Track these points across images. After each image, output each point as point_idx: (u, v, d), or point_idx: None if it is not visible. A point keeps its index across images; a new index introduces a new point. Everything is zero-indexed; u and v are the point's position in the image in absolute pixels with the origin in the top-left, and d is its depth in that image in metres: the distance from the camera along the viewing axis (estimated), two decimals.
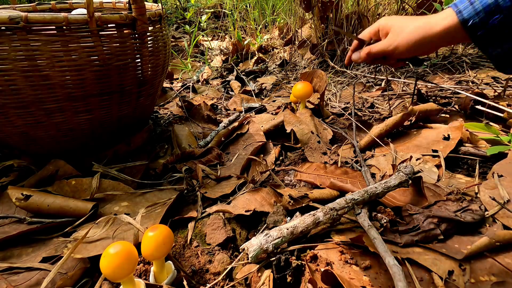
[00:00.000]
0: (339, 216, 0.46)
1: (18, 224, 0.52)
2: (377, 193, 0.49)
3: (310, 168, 0.64)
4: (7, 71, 0.48)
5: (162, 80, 0.74)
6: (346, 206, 0.46)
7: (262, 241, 0.42)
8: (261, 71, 1.44)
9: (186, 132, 0.82)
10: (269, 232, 0.43)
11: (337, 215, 0.46)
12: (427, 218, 0.46)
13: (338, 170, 0.61)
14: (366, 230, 0.43)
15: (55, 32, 0.49)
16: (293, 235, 0.43)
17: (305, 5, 1.25)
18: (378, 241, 0.40)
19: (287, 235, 0.43)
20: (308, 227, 0.44)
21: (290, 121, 0.76)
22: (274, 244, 0.42)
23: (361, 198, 0.47)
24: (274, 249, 0.42)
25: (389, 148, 0.67)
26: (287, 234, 0.43)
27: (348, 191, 0.56)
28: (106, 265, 0.32)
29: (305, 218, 0.45)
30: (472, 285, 0.37)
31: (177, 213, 0.55)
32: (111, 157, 0.68)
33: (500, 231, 0.42)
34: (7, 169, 0.64)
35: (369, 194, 0.48)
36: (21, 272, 0.43)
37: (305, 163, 0.66)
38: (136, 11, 0.56)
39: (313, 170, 0.63)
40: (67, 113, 0.56)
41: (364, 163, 0.62)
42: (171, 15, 2.50)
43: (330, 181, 0.58)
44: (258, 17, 1.99)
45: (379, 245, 0.39)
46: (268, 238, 0.42)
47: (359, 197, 0.47)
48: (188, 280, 0.41)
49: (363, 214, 0.46)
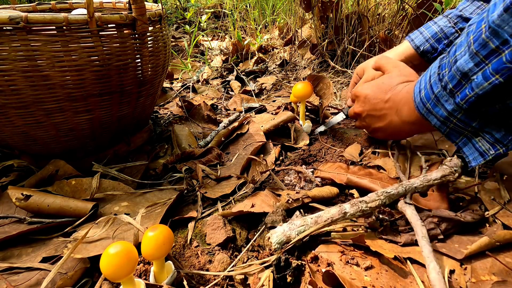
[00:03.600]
0: (369, 209, 0.44)
1: (18, 224, 0.52)
2: (415, 187, 0.46)
3: (331, 167, 0.64)
4: (7, 71, 0.48)
5: (162, 80, 0.74)
6: (377, 199, 0.44)
7: (285, 228, 0.42)
8: (261, 71, 1.44)
9: (186, 132, 0.82)
10: (292, 220, 0.43)
11: (366, 207, 0.44)
12: (427, 218, 0.46)
13: (362, 171, 0.60)
14: (415, 225, 0.41)
15: (55, 32, 0.49)
16: (317, 224, 0.43)
17: (305, 5, 1.25)
18: (425, 242, 0.39)
19: (310, 223, 0.43)
20: (333, 218, 0.43)
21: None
22: (298, 231, 0.42)
23: (395, 191, 0.45)
24: (298, 236, 0.42)
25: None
26: (310, 223, 0.43)
27: (364, 188, 0.55)
28: (106, 265, 0.32)
29: (330, 208, 0.44)
30: (473, 284, 0.37)
31: (177, 213, 0.55)
32: (111, 157, 0.68)
33: (500, 230, 0.42)
34: (7, 169, 0.64)
35: (404, 187, 0.45)
36: (21, 272, 0.43)
37: (326, 162, 0.66)
38: (136, 11, 0.56)
39: (334, 169, 0.63)
40: (67, 113, 0.56)
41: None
42: (171, 15, 2.50)
43: (347, 177, 0.57)
44: (258, 17, 1.99)
45: (425, 246, 0.38)
46: (291, 226, 0.43)
47: (393, 190, 0.45)
48: (188, 280, 0.41)
49: (413, 207, 0.44)
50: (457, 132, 0.44)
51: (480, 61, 0.36)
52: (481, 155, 0.42)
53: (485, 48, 0.35)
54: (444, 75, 0.42)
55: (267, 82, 1.31)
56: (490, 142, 0.41)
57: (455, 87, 0.40)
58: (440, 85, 0.42)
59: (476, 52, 0.36)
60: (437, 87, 0.43)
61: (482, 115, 0.40)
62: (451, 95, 0.41)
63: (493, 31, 0.34)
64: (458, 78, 0.39)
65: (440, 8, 1.01)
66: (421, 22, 1.07)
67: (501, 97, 0.36)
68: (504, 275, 0.37)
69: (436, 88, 0.43)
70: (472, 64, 0.37)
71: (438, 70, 0.43)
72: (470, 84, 0.38)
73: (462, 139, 0.44)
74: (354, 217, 0.45)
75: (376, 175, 0.59)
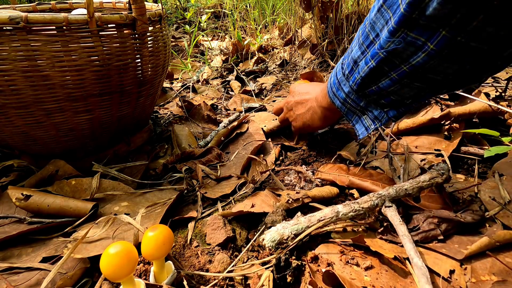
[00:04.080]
0: (361, 209, 0.45)
1: (18, 224, 0.52)
2: (406, 189, 0.47)
3: (332, 169, 0.63)
4: (7, 71, 0.48)
5: (162, 80, 0.74)
6: (369, 200, 0.46)
7: (279, 227, 0.44)
8: (261, 71, 1.44)
9: (186, 132, 0.82)
10: (287, 221, 0.45)
11: (359, 207, 0.45)
12: (427, 218, 0.46)
13: (363, 173, 0.60)
14: (395, 225, 0.42)
15: (55, 32, 0.49)
16: (310, 222, 0.44)
17: (305, 5, 1.25)
18: (407, 239, 0.40)
19: (303, 222, 0.44)
20: (326, 216, 0.44)
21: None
22: (291, 230, 0.43)
23: (386, 193, 0.46)
24: (291, 235, 0.43)
25: (395, 148, 0.67)
26: (303, 222, 0.44)
27: (366, 190, 0.55)
28: (106, 265, 0.32)
29: (324, 209, 0.46)
30: (473, 284, 0.37)
31: (177, 213, 0.55)
32: (111, 157, 0.68)
33: (500, 231, 0.42)
34: (7, 169, 0.64)
35: (395, 189, 0.47)
36: (21, 272, 0.43)
37: (327, 164, 0.66)
38: (136, 11, 0.56)
39: (335, 170, 0.63)
40: (67, 113, 0.56)
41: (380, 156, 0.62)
42: (171, 15, 2.50)
43: (349, 179, 0.57)
44: (258, 17, 1.99)
45: (406, 243, 0.39)
46: (285, 225, 0.44)
47: (384, 192, 0.47)
48: (188, 280, 0.41)
49: (393, 208, 0.45)
50: (352, 111, 0.53)
51: (364, 50, 0.45)
52: (366, 130, 0.52)
53: (367, 39, 0.44)
54: (344, 64, 0.51)
55: (267, 82, 1.31)
56: (371, 119, 0.51)
57: (350, 73, 0.49)
58: (341, 72, 0.51)
59: (362, 43, 0.45)
60: (340, 74, 0.52)
61: (366, 96, 0.49)
62: (347, 79, 0.50)
63: (371, 26, 0.42)
64: (351, 65, 0.48)
65: None
66: None
67: (376, 78, 0.45)
68: (504, 275, 0.37)
69: (339, 75, 0.52)
70: (359, 53, 0.46)
71: (342, 60, 0.52)
72: (358, 69, 0.46)
73: (355, 117, 0.54)
74: (347, 217, 0.46)
75: (376, 176, 0.59)
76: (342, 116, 0.59)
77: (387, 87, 0.44)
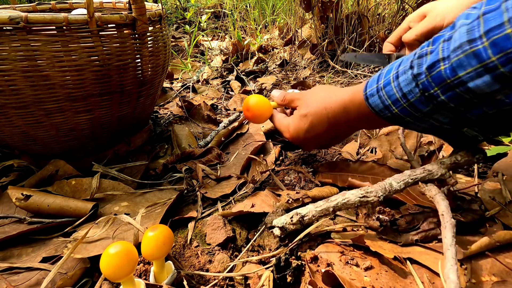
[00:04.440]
0: (357, 200, 0.43)
1: (18, 224, 0.52)
2: (390, 183, 0.44)
3: (329, 170, 0.63)
4: (7, 71, 0.48)
5: (162, 80, 0.74)
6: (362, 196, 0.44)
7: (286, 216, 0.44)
8: (261, 71, 1.44)
9: (186, 132, 0.82)
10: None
11: (362, 199, 0.43)
12: (427, 218, 0.46)
13: (363, 166, 0.59)
14: (436, 201, 0.40)
15: (55, 32, 0.49)
16: (317, 207, 0.44)
17: (305, 5, 1.25)
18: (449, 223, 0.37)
19: (309, 208, 0.44)
20: (329, 206, 0.43)
21: None
22: (297, 212, 0.44)
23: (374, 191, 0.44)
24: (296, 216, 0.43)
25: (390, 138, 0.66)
26: (309, 208, 0.44)
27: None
28: (106, 265, 0.32)
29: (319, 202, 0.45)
30: (473, 285, 0.37)
31: (177, 213, 0.55)
32: (111, 157, 0.68)
33: (501, 231, 0.42)
34: (7, 169, 0.64)
35: (381, 187, 0.44)
36: (21, 272, 0.43)
37: (325, 165, 0.65)
38: (136, 11, 0.56)
39: (334, 171, 0.62)
40: (67, 113, 0.56)
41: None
42: (171, 15, 2.50)
43: (349, 180, 0.57)
44: (258, 17, 1.99)
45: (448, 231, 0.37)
46: (293, 212, 0.44)
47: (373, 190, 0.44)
48: (188, 280, 0.41)
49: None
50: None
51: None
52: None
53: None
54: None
55: (267, 82, 1.31)
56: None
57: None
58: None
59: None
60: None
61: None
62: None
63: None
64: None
65: None
66: None
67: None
68: (504, 275, 0.37)
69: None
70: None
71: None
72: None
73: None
74: (338, 210, 0.44)
75: (377, 168, 0.58)
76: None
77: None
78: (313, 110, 0.52)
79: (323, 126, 0.52)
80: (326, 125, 0.52)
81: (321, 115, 0.51)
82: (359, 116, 0.47)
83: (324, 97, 0.52)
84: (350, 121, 0.49)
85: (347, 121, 0.50)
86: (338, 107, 0.49)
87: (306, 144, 0.57)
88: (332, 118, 0.50)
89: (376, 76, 0.44)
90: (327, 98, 0.51)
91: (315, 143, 0.57)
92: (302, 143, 0.57)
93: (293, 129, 0.55)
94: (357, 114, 0.47)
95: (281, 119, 0.59)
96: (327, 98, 0.51)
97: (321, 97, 0.52)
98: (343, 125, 0.51)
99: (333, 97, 0.50)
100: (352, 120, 0.49)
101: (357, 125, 0.51)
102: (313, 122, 0.52)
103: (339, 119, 0.50)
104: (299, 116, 0.54)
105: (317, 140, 0.55)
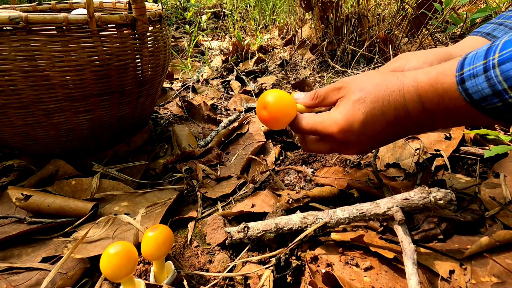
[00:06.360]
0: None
1: (18, 224, 0.52)
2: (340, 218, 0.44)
3: (328, 172, 0.63)
4: (7, 71, 0.48)
5: (162, 80, 0.74)
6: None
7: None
8: (261, 71, 1.44)
9: (186, 132, 0.82)
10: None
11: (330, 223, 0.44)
12: (427, 218, 0.46)
13: (359, 173, 0.59)
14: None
15: (55, 32, 0.49)
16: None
17: (305, 5, 1.25)
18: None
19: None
20: (267, 222, 0.45)
21: None
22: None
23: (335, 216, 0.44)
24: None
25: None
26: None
27: (364, 191, 0.55)
28: (106, 265, 0.32)
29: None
30: (473, 285, 0.37)
31: (177, 213, 0.55)
32: (111, 157, 0.68)
33: (501, 230, 0.42)
34: (7, 169, 0.64)
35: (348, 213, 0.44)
36: (21, 272, 0.43)
37: (323, 167, 0.65)
38: (136, 11, 0.56)
39: (331, 174, 0.62)
40: (67, 113, 0.56)
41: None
42: (171, 15, 2.50)
43: (347, 183, 0.57)
44: (258, 17, 1.99)
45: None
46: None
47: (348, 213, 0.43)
48: (188, 280, 0.41)
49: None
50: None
51: None
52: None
53: None
54: None
55: (267, 82, 1.31)
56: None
57: None
58: None
59: None
60: None
61: None
62: None
63: None
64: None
65: (440, 8, 1.01)
66: (421, 22, 1.07)
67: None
68: (504, 276, 0.37)
69: None
70: None
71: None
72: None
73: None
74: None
75: (372, 175, 0.58)
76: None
77: None
78: (372, 95, 0.38)
79: (386, 117, 0.38)
80: (392, 118, 0.38)
81: (383, 102, 0.37)
82: (438, 108, 0.35)
83: (385, 79, 0.38)
84: (424, 112, 0.36)
85: (420, 113, 0.36)
86: (409, 93, 0.36)
87: (359, 142, 0.40)
88: (401, 107, 0.37)
89: (481, 51, 0.32)
90: (389, 82, 0.38)
91: (370, 142, 0.41)
92: (353, 140, 0.40)
93: (343, 120, 0.39)
94: (436, 105, 0.35)
95: (313, 116, 0.43)
96: (389, 82, 0.38)
97: (378, 80, 0.39)
98: (415, 118, 0.37)
99: (400, 81, 0.37)
100: (427, 111, 0.36)
101: (431, 120, 0.37)
102: (375, 109, 0.38)
103: (411, 110, 0.37)
104: (353, 102, 0.39)
105: (375, 136, 0.40)
